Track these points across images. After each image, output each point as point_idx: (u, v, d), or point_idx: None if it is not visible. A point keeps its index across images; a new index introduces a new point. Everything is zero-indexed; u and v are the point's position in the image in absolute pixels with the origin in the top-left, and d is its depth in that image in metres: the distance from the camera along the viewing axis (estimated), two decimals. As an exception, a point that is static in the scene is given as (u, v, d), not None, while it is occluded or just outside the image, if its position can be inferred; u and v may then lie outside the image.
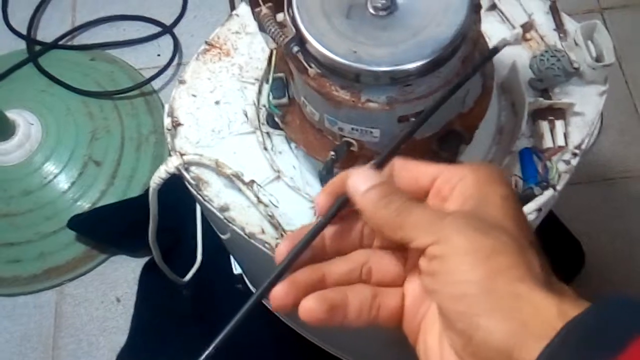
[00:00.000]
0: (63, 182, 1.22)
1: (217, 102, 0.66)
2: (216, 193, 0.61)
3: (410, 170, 0.37)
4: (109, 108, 1.30)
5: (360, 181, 0.35)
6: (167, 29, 1.41)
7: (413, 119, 0.51)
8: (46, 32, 1.44)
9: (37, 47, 1.40)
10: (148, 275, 1.18)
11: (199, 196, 0.62)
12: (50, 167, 1.22)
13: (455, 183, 0.34)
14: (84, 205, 1.22)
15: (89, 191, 1.22)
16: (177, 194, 0.70)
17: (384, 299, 0.36)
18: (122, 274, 1.21)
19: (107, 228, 1.20)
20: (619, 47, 1.35)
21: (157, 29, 1.42)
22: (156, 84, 1.35)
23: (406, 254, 0.37)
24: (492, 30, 0.66)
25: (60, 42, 1.41)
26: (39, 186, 1.22)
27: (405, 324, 0.37)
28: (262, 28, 0.51)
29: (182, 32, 1.42)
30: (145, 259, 1.19)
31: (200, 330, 1.12)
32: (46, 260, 1.20)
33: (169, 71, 1.36)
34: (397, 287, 0.37)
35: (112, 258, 1.22)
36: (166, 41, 1.41)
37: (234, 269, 1.10)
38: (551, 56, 0.61)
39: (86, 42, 1.42)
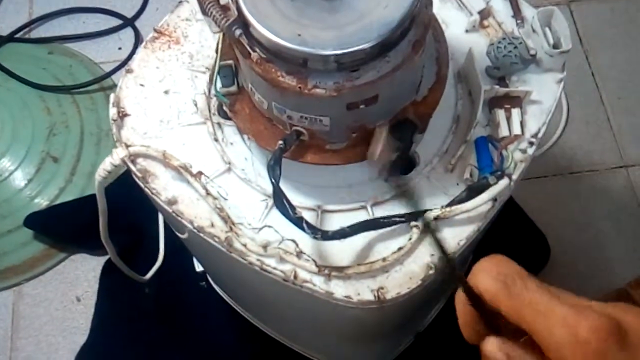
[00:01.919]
0: (19, 179, 1.19)
1: (166, 92, 0.63)
2: (164, 186, 0.59)
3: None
4: (67, 103, 1.26)
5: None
6: (129, 22, 1.38)
7: (363, 106, 0.49)
8: (2, 25, 1.40)
9: (-7, 41, 1.36)
10: (109, 273, 1.15)
11: (146, 189, 0.59)
12: (5, 164, 1.19)
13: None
14: (42, 202, 1.18)
15: (47, 188, 1.19)
16: (140, 192, 0.68)
17: None
18: (82, 273, 1.17)
19: (66, 226, 1.16)
20: (585, 39, 1.35)
21: (118, 22, 1.38)
22: (117, 78, 1.31)
23: None
24: (450, 17, 0.64)
25: (17, 35, 1.37)
26: (-6, 183, 1.18)
27: None
28: (204, 11, 0.48)
29: (144, 25, 1.38)
30: (106, 257, 1.16)
31: (163, 329, 1.10)
32: (2, 260, 1.16)
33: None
34: None
35: (71, 257, 1.19)
36: (127, 34, 1.38)
37: (196, 266, 1.08)
38: (508, 43, 0.60)
39: (44, 35, 1.38)
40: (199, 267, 1.08)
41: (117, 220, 0.78)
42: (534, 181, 1.21)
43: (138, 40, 1.35)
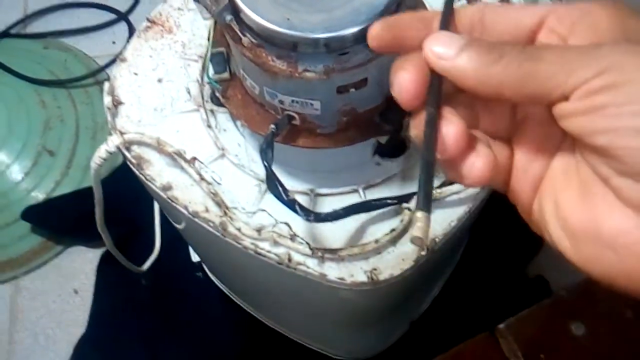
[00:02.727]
0: (16, 173, 1.19)
1: (159, 80, 0.64)
2: (158, 172, 0.60)
3: (506, 16, 0.31)
4: (62, 97, 1.27)
5: (442, 44, 0.29)
6: (123, 16, 1.38)
7: (353, 90, 0.50)
8: (-3, 21, 1.41)
9: (-12, 36, 1.37)
10: (106, 265, 1.16)
11: (141, 175, 0.60)
12: (2, 158, 1.19)
13: (576, 18, 0.29)
14: (39, 195, 1.19)
15: (44, 181, 1.19)
16: (136, 183, 0.69)
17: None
18: (80, 266, 1.18)
19: (63, 218, 1.17)
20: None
21: (112, 16, 1.39)
22: (111, 71, 1.32)
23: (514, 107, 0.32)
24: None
25: (12, 31, 1.38)
26: (-10, 177, 1.19)
27: (514, 181, 0.32)
28: (195, -2, 0.49)
29: (138, 19, 1.39)
30: (103, 250, 1.17)
31: (160, 320, 1.11)
32: (0, 253, 1.17)
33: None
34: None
35: (68, 249, 1.19)
36: (121, 28, 1.38)
37: (192, 257, 1.09)
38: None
39: (39, 30, 1.39)
40: (195, 258, 1.08)
41: (113, 213, 0.78)
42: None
43: (132, 34, 1.36)
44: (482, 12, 0.31)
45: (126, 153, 0.60)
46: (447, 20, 0.31)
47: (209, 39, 0.57)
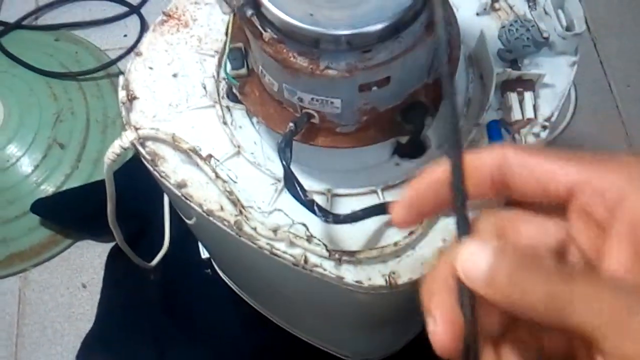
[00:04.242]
0: (26, 165, 1.18)
1: (174, 75, 0.63)
2: (173, 169, 0.58)
3: (533, 170, 0.26)
4: (73, 89, 1.26)
5: (473, 264, 0.25)
6: (134, 9, 1.37)
7: (375, 88, 0.49)
8: (9, 12, 1.40)
9: (0, 28, 1.36)
10: (114, 260, 1.15)
11: (155, 172, 0.59)
12: (12, 150, 1.18)
13: (614, 201, 0.24)
14: (48, 189, 1.18)
15: (53, 174, 1.19)
16: (145, 177, 0.68)
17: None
18: (88, 259, 1.17)
19: (72, 212, 1.17)
20: (593, 28, 1.34)
21: (123, 9, 1.38)
22: (123, 65, 1.31)
23: None
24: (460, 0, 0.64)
25: (24, 22, 1.37)
26: (0, 169, 1.18)
27: None
28: (215, -9, 0.48)
29: (150, 12, 1.38)
30: (112, 244, 1.16)
31: (168, 315, 1.10)
32: (9, 246, 1.16)
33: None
34: None
35: (77, 243, 1.19)
36: (133, 21, 1.37)
37: (202, 253, 1.08)
38: (520, 26, 0.59)
39: (50, 22, 1.38)
40: (204, 254, 1.07)
41: (122, 207, 0.77)
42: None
43: (144, 27, 1.35)
44: (504, 163, 0.27)
45: (140, 149, 0.59)
46: (464, 207, 0.26)
47: (226, 34, 0.56)
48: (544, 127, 0.57)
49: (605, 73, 1.30)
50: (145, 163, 0.60)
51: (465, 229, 0.26)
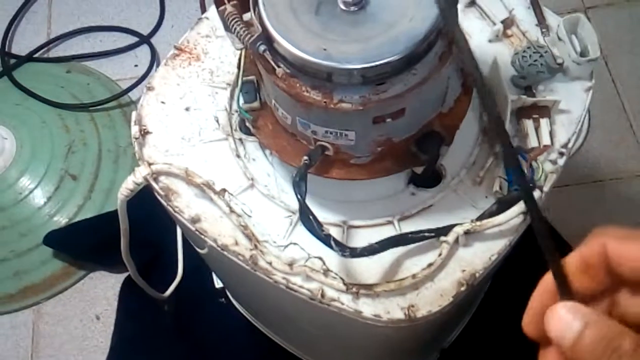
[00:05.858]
0: (39, 198, 1.19)
1: (187, 109, 0.63)
2: (187, 203, 0.58)
3: (634, 259, 0.29)
4: (85, 120, 1.26)
5: (564, 324, 0.28)
6: (145, 39, 1.38)
7: (390, 120, 0.48)
8: (21, 45, 1.41)
9: (12, 61, 1.37)
10: (128, 291, 1.14)
11: (169, 207, 0.59)
12: (25, 182, 1.19)
13: None
14: (61, 220, 1.18)
15: (66, 206, 1.18)
16: (158, 207, 0.67)
17: None
18: (102, 291, 1.17)
19: (85, 243, 1.16)
20: (604, 46, 1.33)
21: (134, 39, 1.39)
22: (134, 94, 1.32)
23: None
24: (472, 27, 0.63)
25: (36, 55, 1.38)
26: (13, 202, 1.18)
27: None
28: (227, 28, 0.48)
29: (160, 42, 1.38)
30: (125, 275, 1.15)
31: (183, 346, 1.09)
32: (22, 278, 1.16)
33: (147, 82, 1.32)
34: None
35: (90, 274, 1.18)
36: (144, 51, 1.38)
37: (215, 283, 1.07)
38: (534, 52, 0.59)
39: (62, 54, 1.39)
40: (218, 284, 1.07)
41: (135, 236, 0.77)
42: (557, 190, 1.19)
43: (154, 57, 1.35)
44: (605, 251, 0.30)
45: (154, 184, 0.58)
46: (566, 287, 0.30)
47: (238, 67, 0.56)
48: (561, 154, 0.56)
49: (618, 91, 1.29)
50: (159, 198, 0.59)
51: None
